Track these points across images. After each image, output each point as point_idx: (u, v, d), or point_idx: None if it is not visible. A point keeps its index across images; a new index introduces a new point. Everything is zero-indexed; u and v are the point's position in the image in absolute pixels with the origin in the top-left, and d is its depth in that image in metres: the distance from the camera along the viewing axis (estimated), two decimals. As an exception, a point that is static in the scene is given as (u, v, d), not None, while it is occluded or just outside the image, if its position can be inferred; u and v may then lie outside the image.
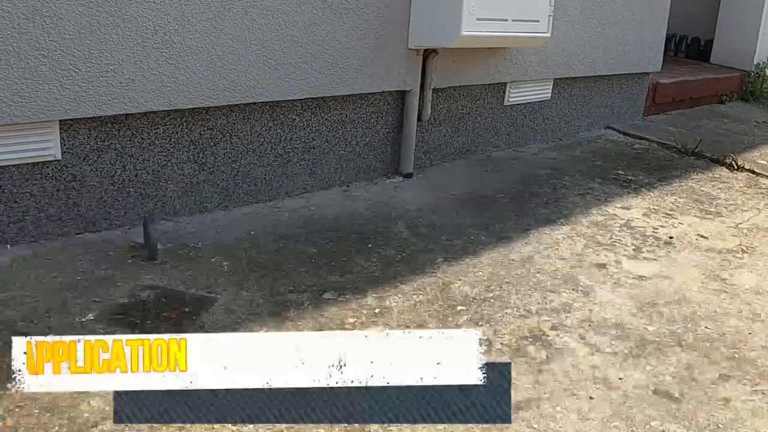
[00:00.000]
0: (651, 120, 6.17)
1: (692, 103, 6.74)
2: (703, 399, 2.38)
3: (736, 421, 2.28)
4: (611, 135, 5.64)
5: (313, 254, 3.05)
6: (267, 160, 3.41)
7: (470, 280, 3.00)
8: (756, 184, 4.78)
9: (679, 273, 3.31)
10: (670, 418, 2.27)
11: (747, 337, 2.81)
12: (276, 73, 3.23)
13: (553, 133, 5.15)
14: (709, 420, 2.28)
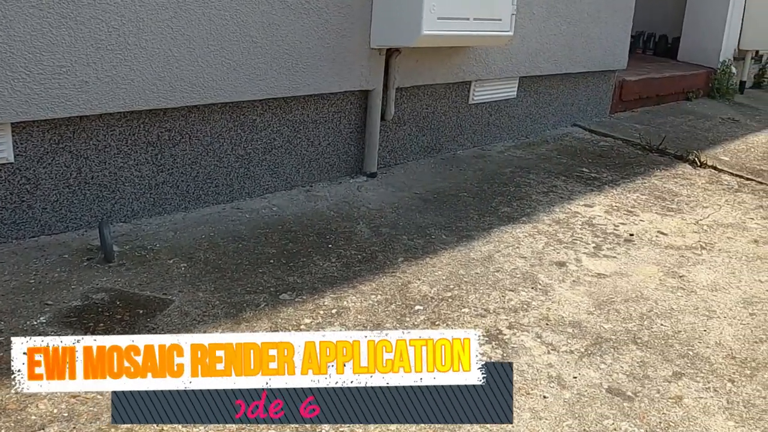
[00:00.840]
0: (617, 117, 6.21)
1: (659, 100, 6.79)
2: (655, 397, 2.39)
3: (687, 419, 2.30)
4: (577, 132, 5.66)
5: (272, 255, 3.04)
6: (227, 161, 3.39)
7: (429, 279, 3.01)
8: (718, 181, 4.83)
9: (638, 270, 3.33)
10: (622, 416, 2.28)
11: (702, 334, 2.84)
12: (235, 74, 3.22)
13: (519, 131, 5.17)
14: (661, 418, 2.29)
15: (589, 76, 5.75)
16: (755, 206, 4.42)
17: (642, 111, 6.62)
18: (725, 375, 2.56)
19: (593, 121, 5.94)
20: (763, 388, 2.50)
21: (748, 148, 5.78)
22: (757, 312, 3.06)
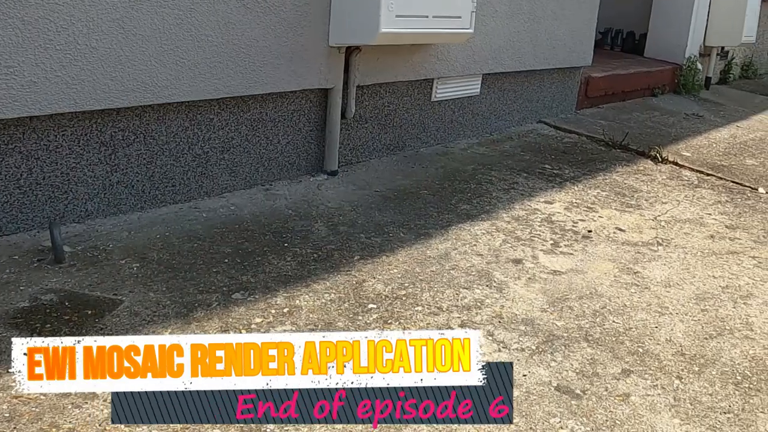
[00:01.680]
0: (583, 114, 6.24)
1: (625, 96, 6.83)
2: (603, 395, 2.41)
3: (633, 416, 2.32)
4: (542, 129, 5.69)
5: (227, 254, 3.04)
6: (184, 160, 3.39)
7: (384, 277, 3.02)
8: (678, 176, 4.87)
9: (594, 267, 3.36)
10: (569, 414, 2.30)
11: (653, 330, 2.86)
12: (190, 73, 3.21)
13: (483, 128, 5.18)
14: (607, 416, 2.31)
15: (555, 72, 5.78)
16: (713, 201, 4.46)
17: (608, 107, 6.66)
18: (673, 372, 2.59)
19: (559, 117, 5.97)
20: (710, 385, 2.52)
21: (710, 144, 5.83)
22: (709, 308, 3.09)
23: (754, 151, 5.83)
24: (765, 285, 3.37)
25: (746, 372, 2.63)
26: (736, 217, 4.23)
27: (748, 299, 3.21)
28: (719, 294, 3.24)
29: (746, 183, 4.89)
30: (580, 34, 5.83)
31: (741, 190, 4.77)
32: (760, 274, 3.48)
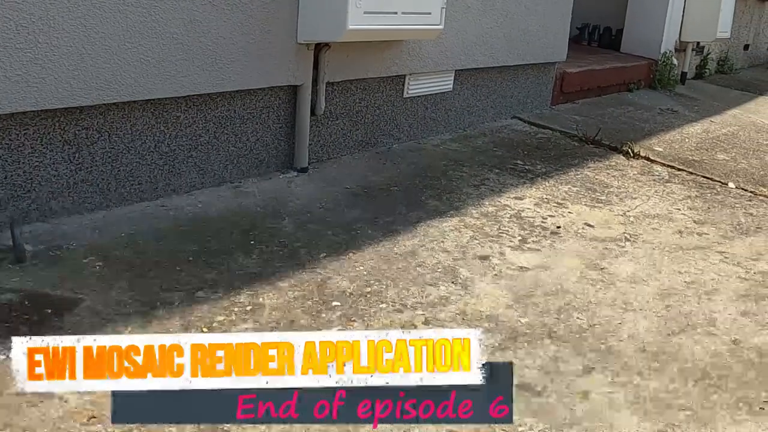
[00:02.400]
0: (558, 109, 6.26)
1: (600, 91, 6.86)
2: (563, 392, 2.42)
3: (592, 413, 2.33)
4: (516, 125, 5.70)
5: (192, 252, 3.03)
6: (151, 158, 3.37)
7: (350, 275, 3.02)
8: (649, 172, 4.89)
9: (561, 263, 3.37)
10: (528, 412, 2.30)
11: (616, 327, 2.88)
12: (155, 71, 3.20)
13: (456, 124, 5.19)
14: (567, 414, 2.32)
15: (529, 68, 5.79)
16: (684, 197, 4.49)
17: (583, 102, 6.68)
18: (635, 369, 2.60)
19: (534, 113, 5.98)
20: (671, 382, 2.54)
21: (682, 139, 5.86)
22: (673, 304, 3.11)
23: (726, 146, 5.86)
24: (730, 281, 3.39)
25: (707, 368, 2.65)
26: (705, 213, 4.25)
27: (713, 295, 3.23)
28: (684, 290, 3.25)
29: (717, 178, 4.92)
30: (555, 30, 5.84)
31: (711, 185, 4.80)
32: (726, 269, 3.50)
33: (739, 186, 4.81)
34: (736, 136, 6.25)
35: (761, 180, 4.98)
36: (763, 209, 4.42)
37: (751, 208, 4.41)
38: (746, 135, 6.37)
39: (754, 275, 3.47)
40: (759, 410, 2.43)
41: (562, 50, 6.01)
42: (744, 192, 4.72)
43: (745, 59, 10.89)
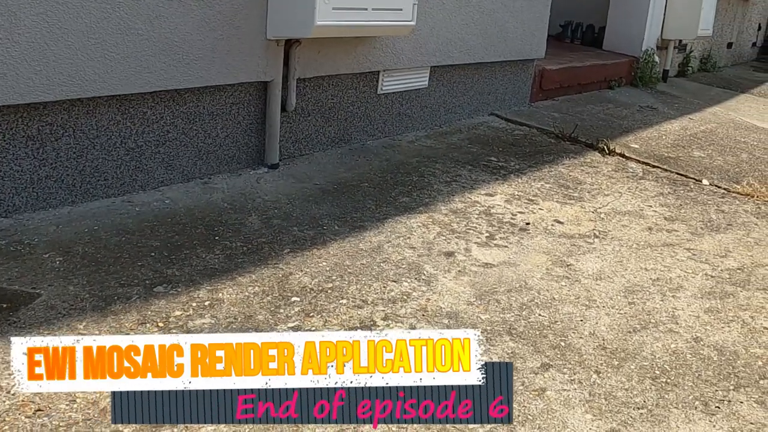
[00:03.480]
0: (537, 106, 6.27)
1: (581, 88, 6.86)
2: (519, 389, 2.42)
3: (546, 412, 2.34)
4: (493, 122, 5.71)
5: (154, 248, 3.03)
6: (117, 154, 3.37)
7: (312, 270, 3.02)
8: (624, 168, 4.90)
9: (527, 260, 3.37)
10: (481, 407, 2.30)
11: (578, 324, 2.88)
12: (119, 67, 3.20)
13: (432, 120, 5.19)
14: (520, 411, 2.32)
15: (507, 65, 5.79)
16: (656, 193, 4.50)
17: (563, 100, 6.69)
18: (592, 366, 2.60)
19: (512, 110, 5.99)
20: (627, 380, 2.54)
21: (659, 136, 5.87)
22: (637, 301, 3.12)
23: (703, 143, 5.88)
24: (696, 277, 3.40)
25: (665, 366, 2.65)
26: (677, 209, 4.26)
27: (678, 292, 3.23)
28: (649, 287, 3.26)
29: (691, 175, 4.93)
30: (533, 27, 5.84)
31: (685, 182, 4.81)
32: (693, 266, 3.51)
33: (713, 183, 4.82)
34: (714, 134, 6.26)
35: (736, 177, 4.99)
36: (735, 206, 4.43)
37: (723, 205, 4.42)
38: (724, 132, 6.38)
39: (721, 272, 3.48)
40: (715, 409, 2.44)
41: (540, 47, 6.02)
42: (717, 189, 4.73)
43: (729, 57, 10.92)
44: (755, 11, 11.30)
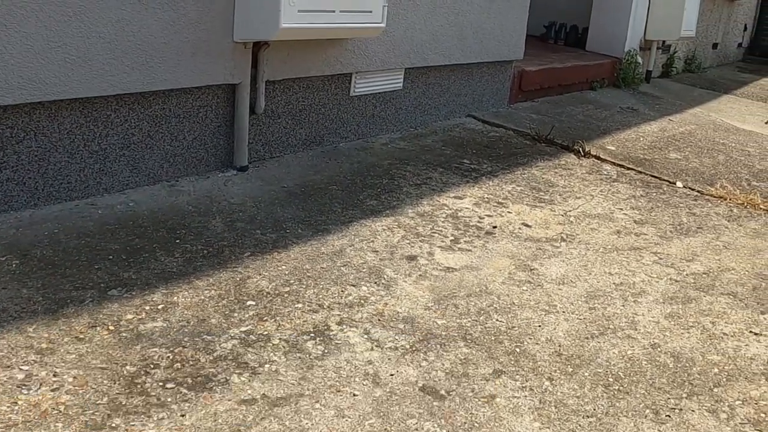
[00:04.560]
0: (516, 107, 6.26)
1: (562, 89, 6.86)
2: (468, 396, 2.42)
3: (494, 419, 2.33)
4: (470, 123, 5.70)
5: (113, 251, 3.03)
6: (80, 157, 3.36)
7: (271, 274, 3.02)
8: (598, 171, 4.90)
9: (490, 264, 3.37)
10: (428, 416, 2.30)
11: (535, 329, 2.88)
12: (81, 70, 3.19)
13: (407, 122, 5.19)
14: (467, 419, 2.31)
15: (484, 66, 5.79)
16: (628, 196, 4.50)
17: (543, 101, 6.69)
18: (545, 373, 2.60)
19: (490, 111, 5.99)
20: (580, 387, 2.54)
21: (637, 137, 5.87)
22: (598, 306, 3.12)
23: (681, 144, 5.88)
24: (659, 282, 3.40)
25: (619, 373, 2.65)
26: (647, 212, 4.26)
27: (639, 297, 3.24)
28: (611, 291, 3.26)
29: (665, 177, 4.93)
30: (511, 29, 5.84)
31: (658, 185, 4.81)
32: (657, 270, 3.51)
33: (687, 185, 4.83)
34: (693, 135, 6.26)
35: (710, 179, 4.99)
36: (707, 209, 4.44)
37: (695, 208, 4.43)
38: (703, 134, 6.39)
39: (686, 277, 3.48)
40: (665, 417, 2.44)
41: (518, 49, 6.01)
42: (691, 191, 4.74)
43: (714, 58, 10.92)
44: (741, 12, 11.31)
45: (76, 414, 2.12)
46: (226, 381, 2.35)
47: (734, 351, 2.89)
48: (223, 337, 2.57)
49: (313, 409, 2.27)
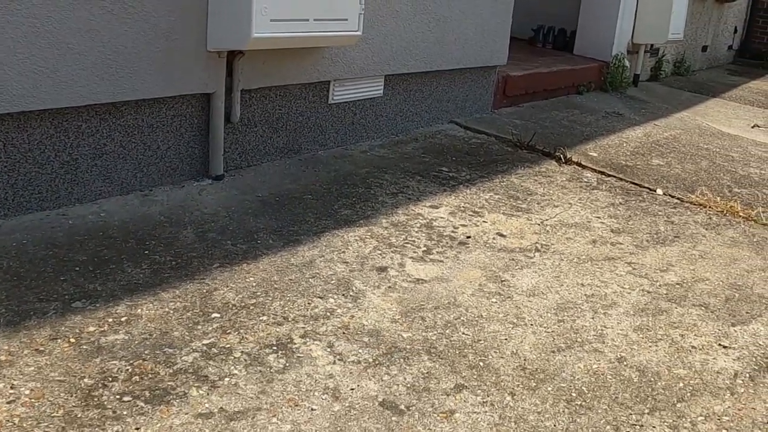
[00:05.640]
0: (500, 113, 6.26)
1: (548, 94, 6.85)
2: (427, 411, 2.41)
3: (450, 435, 2.32)
4: (452, 130, 5.69)
5: (81, 262, 3.02)
6: (51, 167, 3.36)
7: (238, 286, 3.01)
8: (578, 178, 4.89)
9: (461, 275, 3.36)
10: (385, 431, 2.30)
11: (501, 343, 2.87)
12: (49, 81, 3.18)
13: (388, 129, 5.18)
14: (424, 434, 2.31)
15: (467, 72, 5.78)
16: (607, 204, 4.49)
17: (528, 106, 6.67)
18: (508, 388, 2.59)
19: (473, 117, 5.98)
20: (542, 402, 2.53)
21: (620, 143, 5.87)
22: (567, 318, 3.11)
23: (664, 150, 5.87)
24: (631, 293, 3.39)
25: (583, 388, 2.64)
26: (625, 221, 4.26)
27: (610, 309, 3.23)
28: (582, 303, 3.25)
29: (646, 184, 4.93)
30: (494, 34, 5.83)
31: (638, 192, 4.80)
32: (630, 281, 3.51)
33: (667, 192, 4.82)
34: (677, 140, 6.26)
35: (691, 186, 4.99)
36: (686, 217, 4.43)
37: (674, 216, 4.42)
38: (688, 139, 6.38)
39: (659, 288, 3.47)
40: (625, 433, 2.43)
41: (502, 54, 6.00)
42: (671, 199, 4.73)
43: (704, 60, 10.91)
44: (731, 14, 11.30)
45: (31, 427, 2.11)
46: (184, 394, 2.34)
47: (701, 365, 2.88)
48: (185, 350, 2.56)
49: (270, 423, 2.27)
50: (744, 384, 2.78)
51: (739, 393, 2.72)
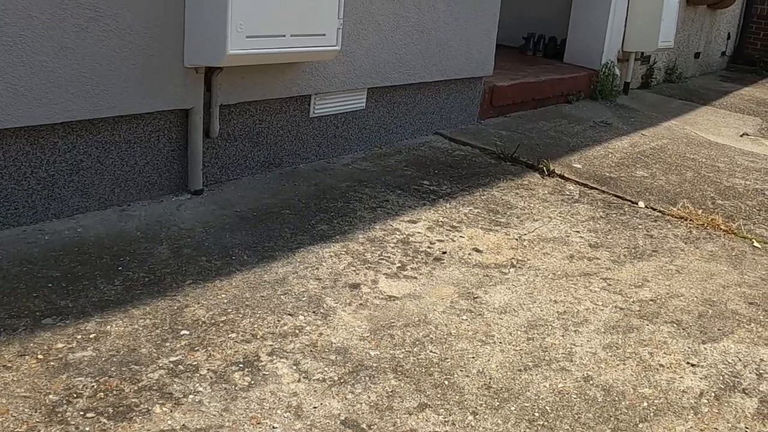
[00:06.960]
0: (486, 124, 6.27)
1: (536, 104, 6.87)
2: (389, 430, 2.43)
3: (410, 454, 2.34)
4: (437, 141, 5.71)
5: (53, 278, 3.04)
6: (27, 183, 3.39)
7: (210, 303, 3.03)
8: (561, 191, 4.90)
9: (433, 292, 3.38)
10: (343, 450, 2.32)
11: (468, 361, 2.88)
12: (24, 99, 3.21)
13: (371, 142, 5.20)
14: (383, 453, 2.33)
15: (452, 83, 5.80)
16: (587, 218, 4.50)
17: (515, 116, 6.69)
18: (471, 407, 2.60)
19: (459, 128, 6.00)
20: (504, 422, 2.54)
21: (606, 154, 5.88)
22: (536, 336, 3.12)
23: (650, 161, 5.88)
24: (604, 311, 3.40)
25: (546, 408, 2.65)
26: (604, 235, 4.27)
27: (581, 326, 3.24)
28: (553, 321, 3.27)
29: (628, 197, 4.94)
30: (479, 45, 5.85)
31: (620, 205, 4.82)
32: (604, 297, 3.52)
33: (649, 205, 4.83)
34: (664, 150, 6.27)
35: (674, 198, 5.00)
36: (666, 230, 4.44)
37: (653, 230, 4.43)
38: (675, 149, 6.39)
39: (632, 304, 3.48)
40: (584, 453, 2.45)
41: (488, 65, 6.02)
42: (652, 212, 4.74)
43: (696, 67, 10.92)
44: (724, 20, 11.31)
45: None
46: (147, 411, 2.36)
47: (667, 383, 2.89)
48: (151, 367, 2.59)
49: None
50: (708, 403, 2.79)
51: (703, 413, 2.73)
